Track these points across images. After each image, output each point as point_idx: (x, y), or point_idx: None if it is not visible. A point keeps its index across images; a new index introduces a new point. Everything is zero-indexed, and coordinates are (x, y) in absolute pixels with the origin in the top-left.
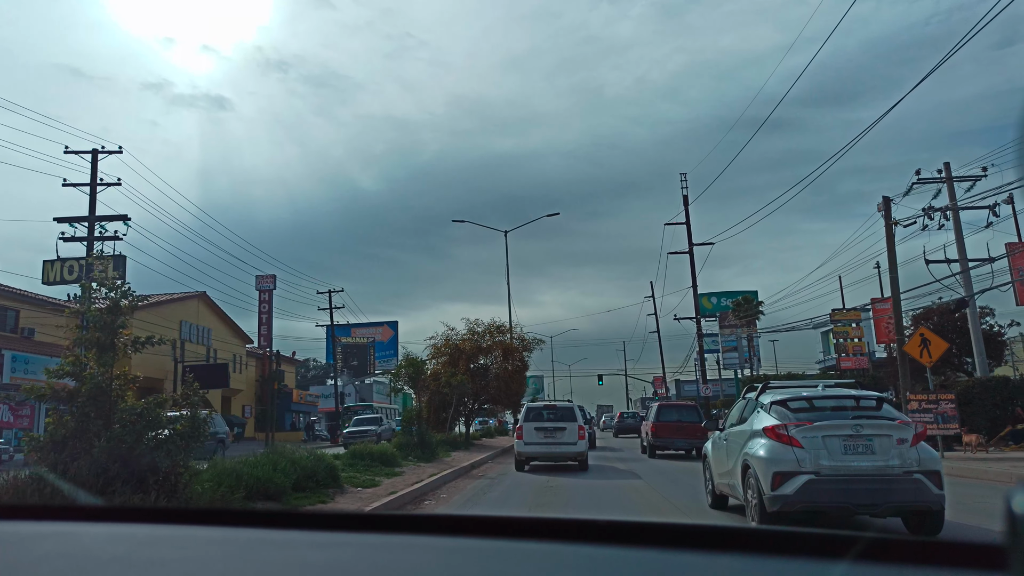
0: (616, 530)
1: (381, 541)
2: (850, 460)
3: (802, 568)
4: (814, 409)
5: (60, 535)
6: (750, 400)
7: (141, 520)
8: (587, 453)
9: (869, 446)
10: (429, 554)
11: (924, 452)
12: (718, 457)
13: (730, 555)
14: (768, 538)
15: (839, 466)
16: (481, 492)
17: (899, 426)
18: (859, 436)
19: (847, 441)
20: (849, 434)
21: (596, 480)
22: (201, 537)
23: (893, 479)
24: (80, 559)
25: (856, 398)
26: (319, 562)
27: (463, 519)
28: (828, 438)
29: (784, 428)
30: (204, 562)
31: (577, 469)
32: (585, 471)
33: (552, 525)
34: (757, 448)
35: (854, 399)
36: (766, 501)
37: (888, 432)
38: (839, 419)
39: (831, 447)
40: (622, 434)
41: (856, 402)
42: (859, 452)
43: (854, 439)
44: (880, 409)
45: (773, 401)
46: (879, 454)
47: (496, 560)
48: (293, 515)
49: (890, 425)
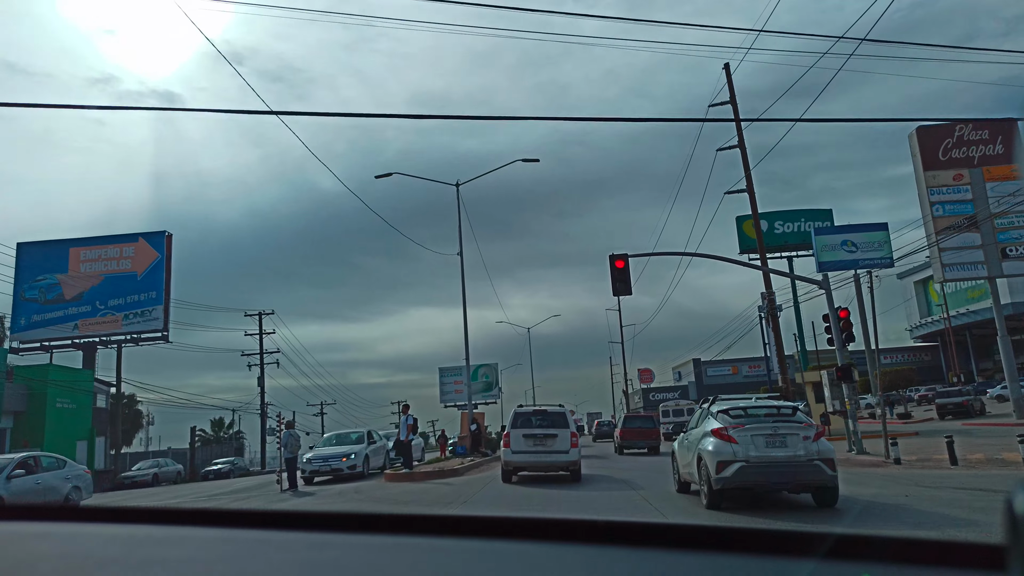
0: (609, 530)
1: (380, 542)
2: (770, 451)
3: (797, 567)
4: (747, 416)
5: (60, 535)
6: (703, 409)
7: (140, 520)
8: (580, 462)
9: (783, 441)
10: (428, 555)
11: (822, 445)
12: (681, 453)
13: (729, 555)
14: (763, 537)
15: (763, 456)
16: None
17: (805, 427)
18: (776, 434)
19: (768, 438)
20: (769, 433)
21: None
22: (200, 537)
23: (800, 464)
24: (80, 559)
25: (778, 408)
26: (318, 562)
27: (462, 519)
28: (755, 436)
29: (725, 429)
30: (203, 562)
31: (568, 480)
32: (578, 482)
33: (550, 525)
34: (707, 444)
35: (776, 408)
36: (712, 482)
37: (797, 431)
38: (763, 423)
39: (757, 442)
40: (600, 439)
41: (777, 411)
42: (776, 446)
43: (773, 436)
44: (794, 415)
45: (719, 410)
46: (790, 447)
47: (495, 560)
48: (292, 515)
49: (799, 426)
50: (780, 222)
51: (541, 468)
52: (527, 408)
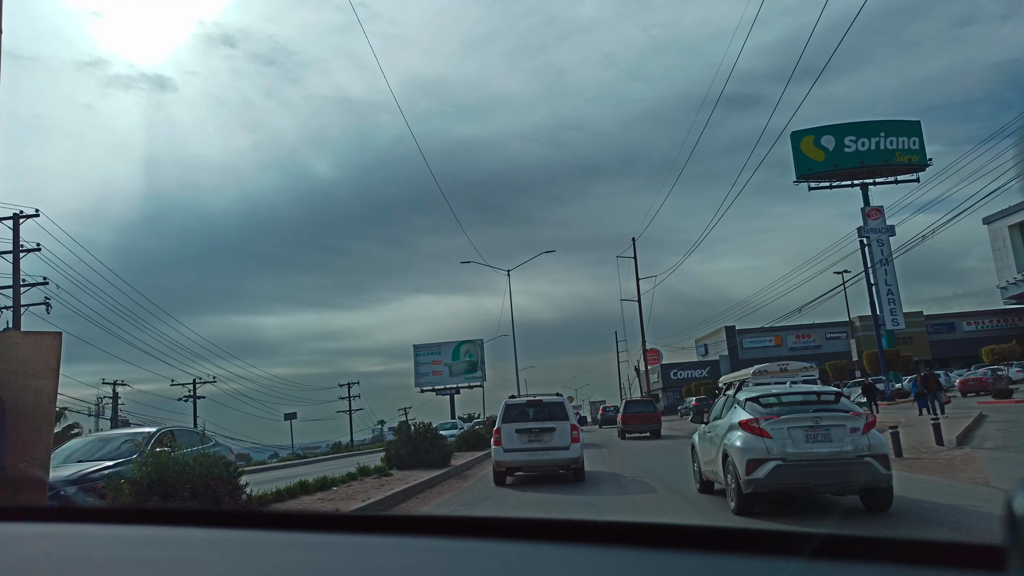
0: (611, 530)
1: (379, 543)
2: (811, 447)
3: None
4: (782, 404)
5: (59, 535)
6: (729, 397)
7: (139, 520)
8: (583, 459)
9: (827, 435)
10: (427, 555)
11: (874, 439)
12: (703, 447)
13: (738, 556)
14: (768, 538)
15: (802, 452)
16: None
17: (852, 417)
18: (819, 427)
19: (808, 431)
20: (810, 425)
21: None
22: (199, 538)
23: (847, 462)
24: (79, 559)
25: (818, 393)
26: (316, 562)
27: (461, 520)
28: (793, 429)
29: (756, 422)
30: (202, 563)
31: (570, 480)
32: (582, 482)
33: (549, 526)
34: (734, 439)
35: (816, 394)
36: (742, 484)
37: (843, 422)
38: (802, 412)
39: (795, 436)
40: (606, 425)
41: (817, 397)
42: (819, 440)
43: (814, 429)
44: (837, 403)
45: (747, 398)
46: (835, 441)
47: (495, 561)
48: (291, 516)
49: (845, 416)
50: (852, 137)
51: (538, 468)
52: (520, 399)
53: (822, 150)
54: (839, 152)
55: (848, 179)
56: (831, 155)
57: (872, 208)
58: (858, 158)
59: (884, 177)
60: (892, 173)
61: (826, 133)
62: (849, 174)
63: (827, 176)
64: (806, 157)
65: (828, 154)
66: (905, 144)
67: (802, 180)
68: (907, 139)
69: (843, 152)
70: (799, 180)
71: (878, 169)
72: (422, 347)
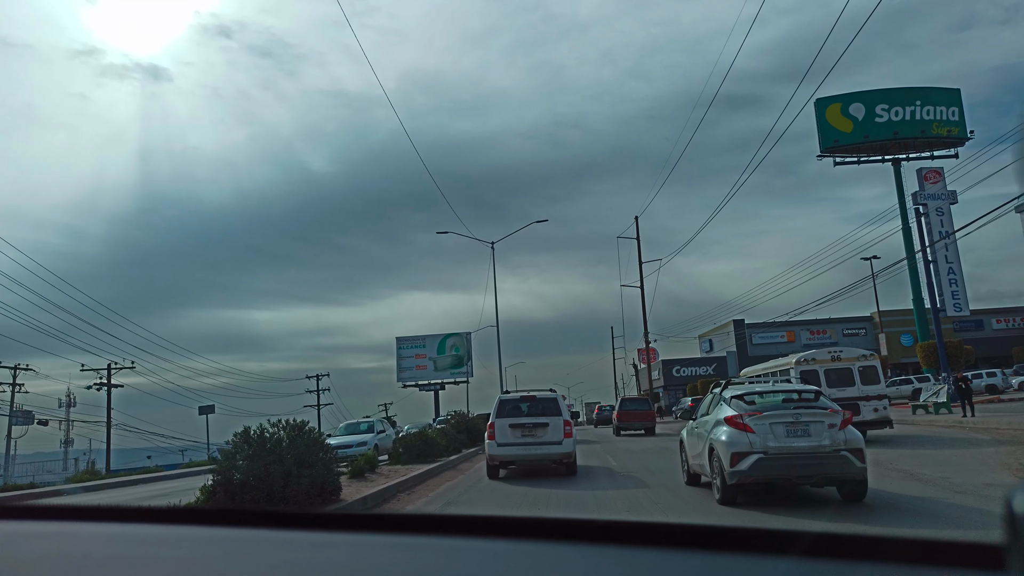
0: (610, 529)
1: (380, 541)
2: (791, 441)
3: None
4: (764, 401)
5: (60, 535)
6: (715, 395)
7: (140, 520)
8: (575, 454)
9: (806, 430)
10: (428, 554)
11: (850, 434)
12: (691, 442)
13: (738, 556)
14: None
15: (783, 446)
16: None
17: (830, 413)
18: (798, 422)
19: (789, 426)
20: (791, 421)
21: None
22: (200, 537)
23: (825, 456)
24: (79, 559)
25: (798, 391)
26: (318, 562)
27: (461, 519)
28: (774, 424)
29: (740, 417)
30: (203, 562)
31: (563, 473)
32: (574, 476)
33: (549, 525)
34: (720, 434)
35: (796, 392)
36: (727, 476)
37: (821, 419)
38: (783, 409)
39: (776, 431)
40: (600, 424)
41: (798, 395)
42: (798, 435)
43: (795, 425)
44: (817, 400)
45: (732, 396)
46: (814, 436)
47: (495, 560)
48: (292, 515)
49: (823, 413)
50: (884, 105)
51: (531, 461)
52: (514, 394)
53: (850, 119)
54: (870, 122)
55: (879, 153)
56: (860, 125)
57: (930, 170)
58: (891, 128)
59: (919, 152)
60: (928, 147)
61: (855, 100)
62: (880, 148)
63: (855, 149)
64: (832, 127)
65: (857, 124)
66: (943, 114)
67: (827, 153)
68: (945, 108)
69: (874, 122)
70: (823, 154)
71: (912, 142)
72: (405, 340)
